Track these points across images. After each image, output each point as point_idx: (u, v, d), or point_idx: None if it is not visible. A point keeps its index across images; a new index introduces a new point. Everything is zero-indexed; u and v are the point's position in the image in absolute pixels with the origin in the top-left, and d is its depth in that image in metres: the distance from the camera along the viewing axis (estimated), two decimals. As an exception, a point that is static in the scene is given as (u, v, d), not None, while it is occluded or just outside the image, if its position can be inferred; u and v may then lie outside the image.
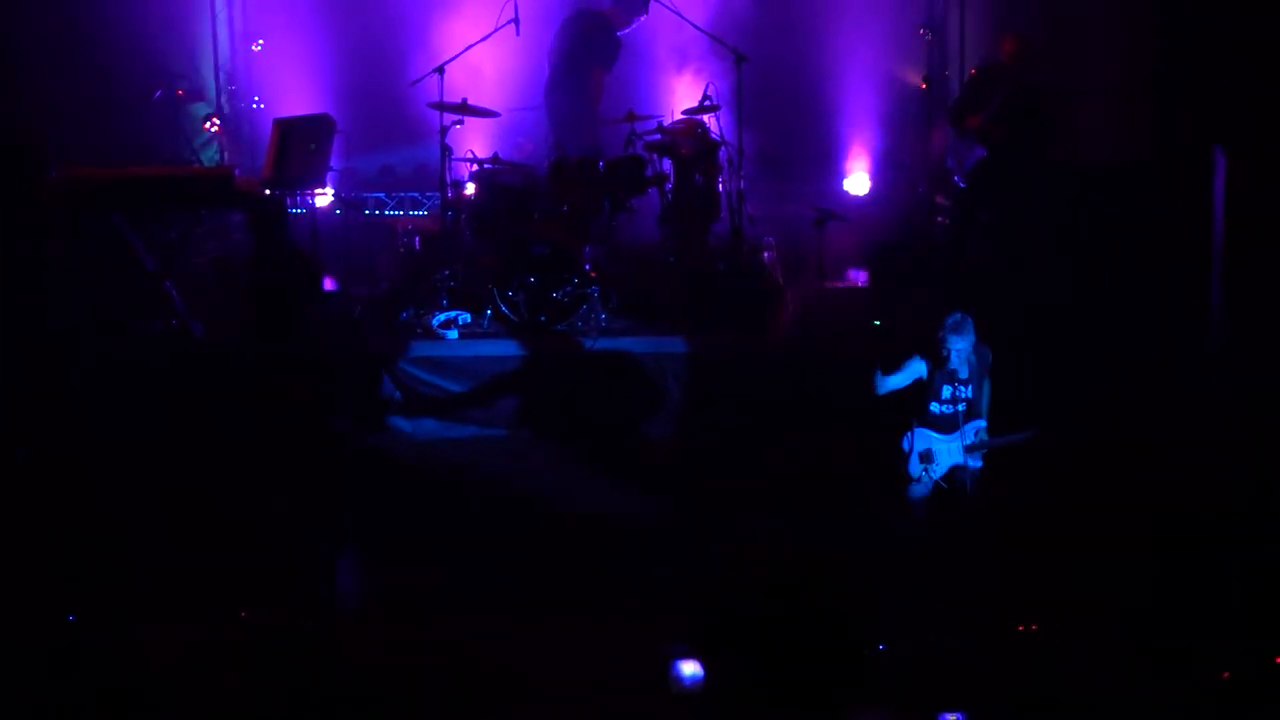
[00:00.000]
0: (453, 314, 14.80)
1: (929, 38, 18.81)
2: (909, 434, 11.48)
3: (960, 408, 11.40)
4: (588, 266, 14.84)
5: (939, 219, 17.36)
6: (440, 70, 15.49)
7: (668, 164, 16.09)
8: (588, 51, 16.93)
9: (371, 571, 11.80)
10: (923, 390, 11.43)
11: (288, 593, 11.01)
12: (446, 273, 15.22)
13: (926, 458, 11.41)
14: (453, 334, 14.66)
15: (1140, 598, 10.70)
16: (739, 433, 13.94)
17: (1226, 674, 9.52)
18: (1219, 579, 10.83)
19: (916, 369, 11.40)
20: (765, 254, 16.46)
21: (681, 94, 17.63)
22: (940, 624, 10.27)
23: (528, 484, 13.32)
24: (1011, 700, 9.53)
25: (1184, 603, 10.54)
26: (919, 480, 11.45)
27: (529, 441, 14.21)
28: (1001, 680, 9.72)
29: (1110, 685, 9.68)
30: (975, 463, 11.46)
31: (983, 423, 11.46)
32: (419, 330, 14.75)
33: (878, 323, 14.93)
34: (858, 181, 18.86)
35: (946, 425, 11.42)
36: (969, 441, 11.41)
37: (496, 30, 15.90)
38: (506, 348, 14.58)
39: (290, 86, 18.23)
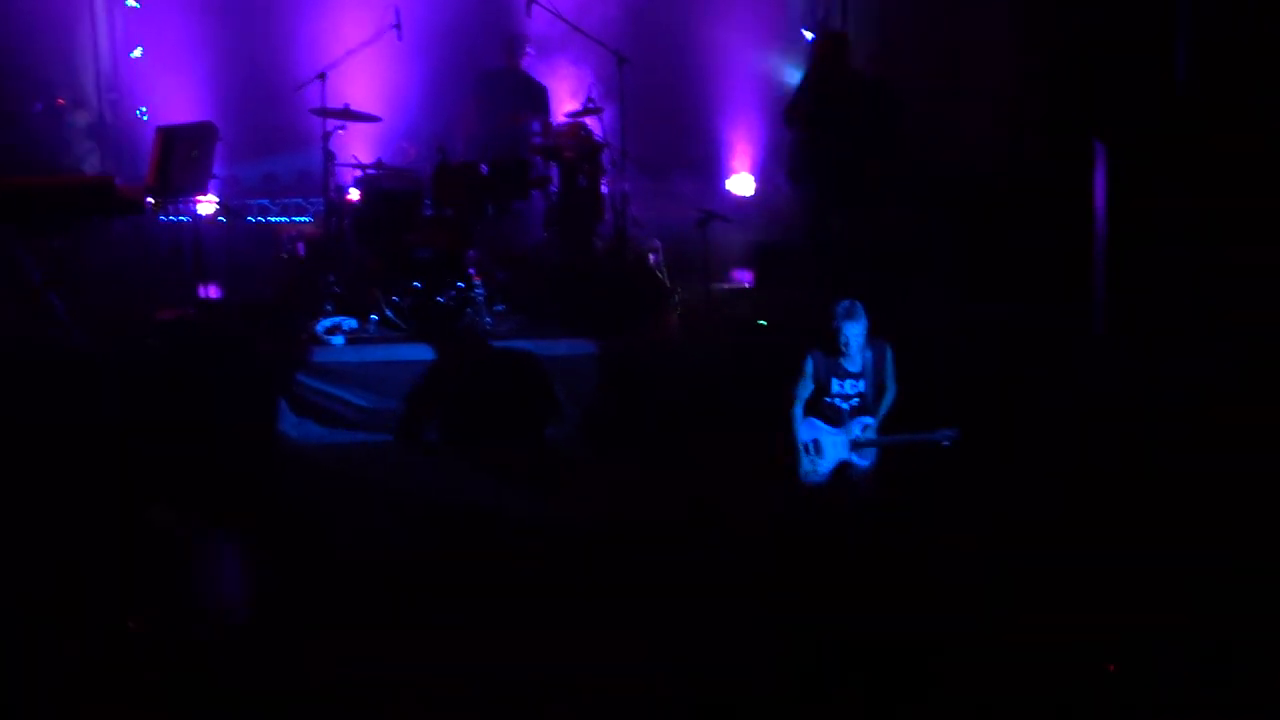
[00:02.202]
0: (338, 319, 14.75)
1: (812, 38, 18.93)
2: (801, 424, 11.50)
3: (852, 402, 11.37)
4: (472, 270, 14.84)
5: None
6: (322, 76, 15.47)
7: (552, 166, 16.14)
8: (514, 102, 17.11)
9: (258, 580, 11.77)
10: (818, 381, 11.43)
11: (173, 601, 10.99)
12: (331, 278, 15.19)
13: (815, 449, 11.40)
14: (338, 339, 14.60)
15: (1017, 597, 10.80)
16: (623, 432, 14.01)
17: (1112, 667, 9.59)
18: (1098, 577, 10.95)
19: (809, 367, 11.42)
20: (650, 255, 16.53)
21: (564, 97, 17.67)
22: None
23: (413, 487, 13.28)
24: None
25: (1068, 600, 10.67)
26: (809, 472, 11.45)
27: (415, 445, 14.21)
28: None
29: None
30: (863, 460, 11.48)
31: (871, 420, 11.43)
32: (304, 336, 14.70)
33: (763, 323, 15.03)
34: (742, 182, 18.96)
35: (835, 418, 11.39)
36: (854, 436, 11.44)
37: (379, 36, 15.90)
38: (391, 352, 14.53)
39: (172, 94, 18.18)
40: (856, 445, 11.37)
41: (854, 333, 11.15)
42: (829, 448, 11.39)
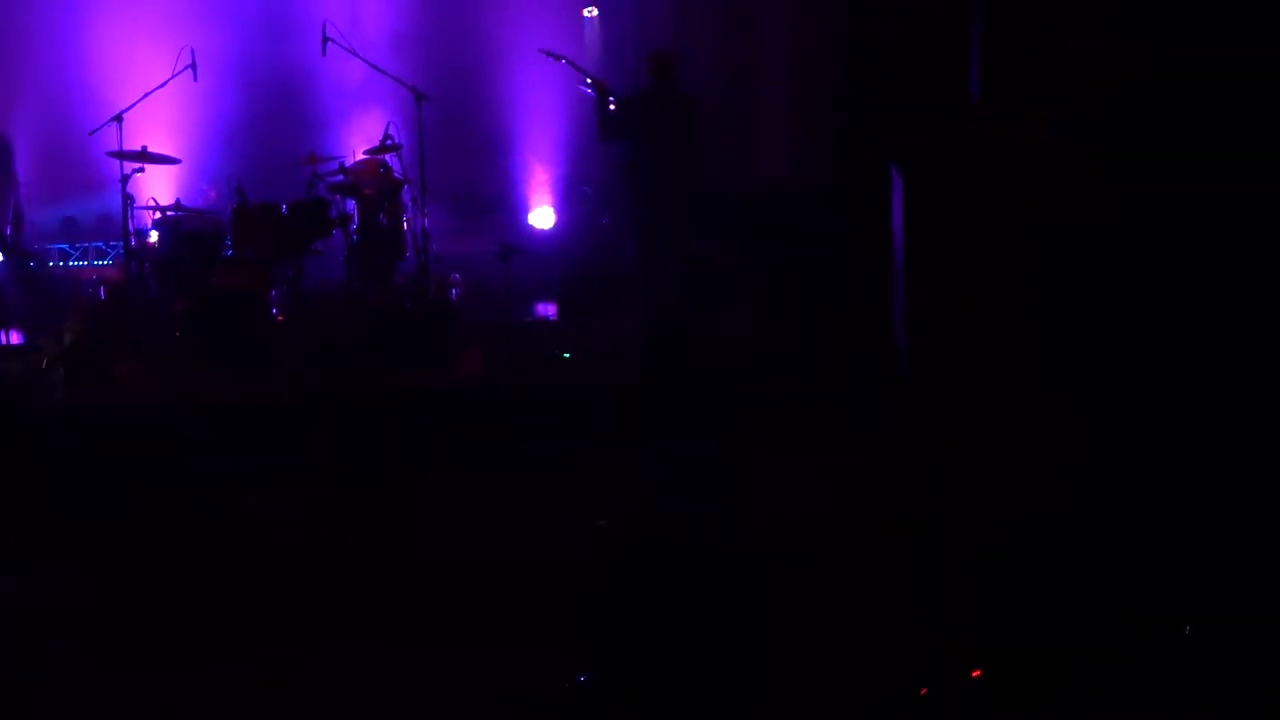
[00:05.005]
0: (141, 363, 14.75)
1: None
2: None
3: None
4: (275, 310, 14.88)
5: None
6: (118, 119, 15.47)
7: (352, 204, 16.22)
8: None
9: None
10: None
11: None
12: (133, 322, 15.17)
13: None
14: (142, 383, 14.60)
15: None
16: (427, 466, 14.06)
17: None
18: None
19: None
20: (453, 290, 16.65)
21: (363, 134, 17.73)
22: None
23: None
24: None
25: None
26: None
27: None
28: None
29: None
30: None
31: None
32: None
33: (567, 355, 15.19)
34: (542, 215, 19.07)
35: None
36: None
37: (174, 76, 15.91)
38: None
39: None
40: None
41: None
42: None
